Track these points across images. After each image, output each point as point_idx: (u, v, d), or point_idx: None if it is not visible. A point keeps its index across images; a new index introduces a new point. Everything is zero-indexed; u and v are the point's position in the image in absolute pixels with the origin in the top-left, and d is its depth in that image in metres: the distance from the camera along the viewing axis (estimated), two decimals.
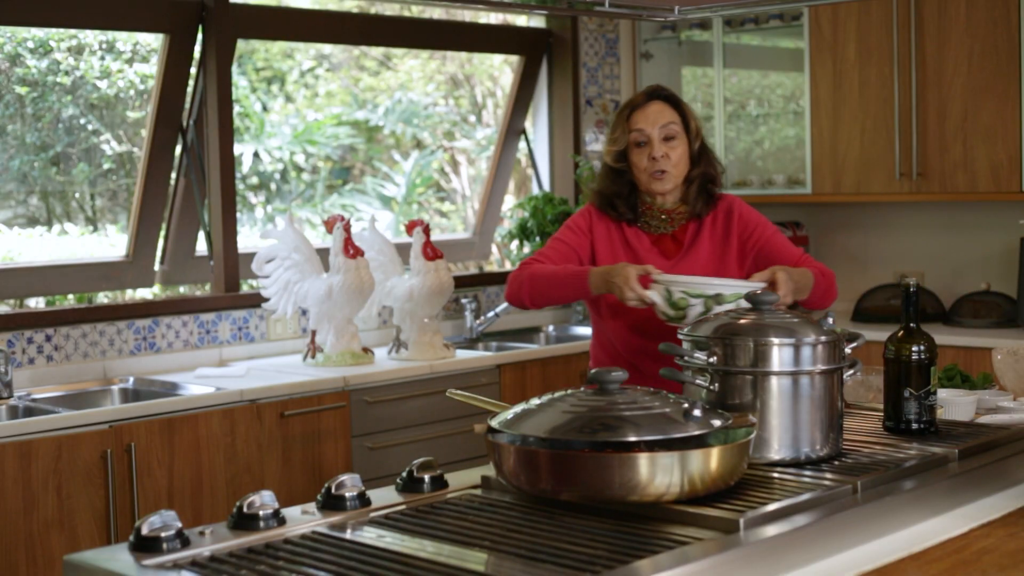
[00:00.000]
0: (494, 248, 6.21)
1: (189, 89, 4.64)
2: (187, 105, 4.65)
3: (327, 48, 7.62)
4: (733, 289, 2.75)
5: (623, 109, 3.13)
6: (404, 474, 2.23)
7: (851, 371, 2.36)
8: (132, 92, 4.97)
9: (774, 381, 2.26)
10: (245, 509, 1.98)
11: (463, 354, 4.63)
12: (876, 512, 2.03)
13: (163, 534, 1.86)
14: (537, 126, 5.89)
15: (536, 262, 3.10)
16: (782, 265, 2.94)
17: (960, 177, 4.97)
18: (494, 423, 2.11)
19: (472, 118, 7.83)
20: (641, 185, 3.11)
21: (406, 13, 5.36)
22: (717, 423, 2.05)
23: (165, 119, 4.58)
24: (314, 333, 4.43)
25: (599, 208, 3.18)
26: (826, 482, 2.12)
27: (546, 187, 5.86)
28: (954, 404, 2.81)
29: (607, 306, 3.13)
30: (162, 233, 4.71)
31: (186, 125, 4.65)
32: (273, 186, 7.65)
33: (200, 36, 4.58)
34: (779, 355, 2.26)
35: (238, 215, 4.69)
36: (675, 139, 3.08)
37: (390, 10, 5.41)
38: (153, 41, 4.89)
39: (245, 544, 1.90)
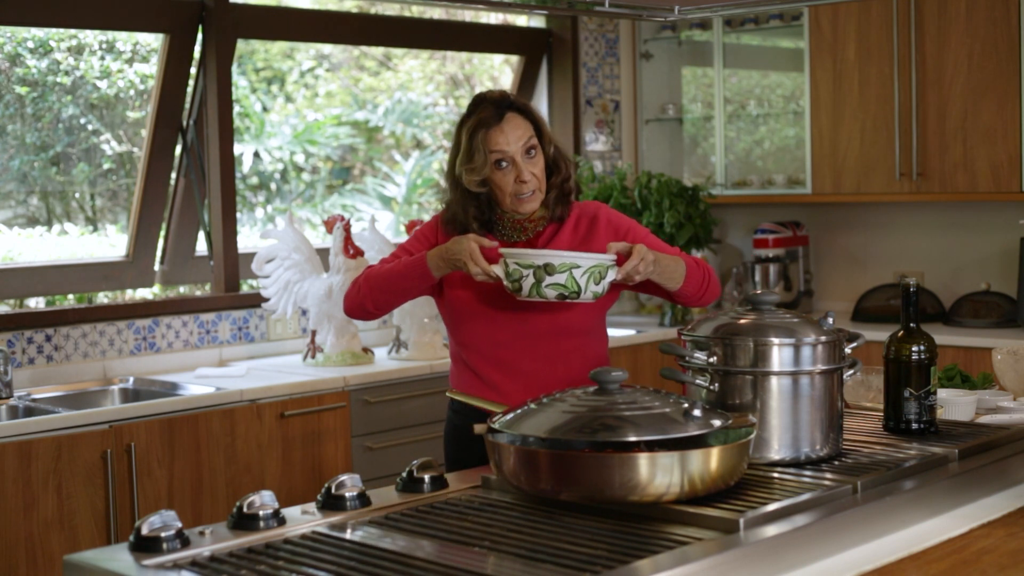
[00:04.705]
0: None
1: (189, 89, 4.64)
2: (187, 105, 4.65)
3: (327, 48, 7.61)
4: (565, 259, 2.60)
5: (476, 130, 2.81)
6: (404, 474, 2.23)
7: (851, 371, 2.36)
8: (132, 92, 4.97)
9: (774, 381, 2.26)
10: (245, 509, 1.98)
11: None
12: (876, 512, 2.03)
13: (163, 534, 1.86)
14: None
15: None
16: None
17: (960, 177, 4.97)
18: (494, 423, 2.11)
19: None
20: (504, 206, 2.84)
21: (406, 13, 5.36)
22: (717, 423, 2.05)
23: (165, 119, 4.58)
24: (314, 333, 4.43)
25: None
26: (826, 482, 2.12)
27: None
28: (954, 404, 2.80)
29: (458, 301, 2.89)
30: (162, 233, 4.71)
31: (186, 125, 4.65)
32: (273, 186, 7.64)
33: (200, 36, 4.58)
34: (779, 355, 2.26)
35: (238, 215, 4.69)
36: (535, 152, 2.83)
37: (390, 10, 5.41)
38: (153, 41, 4.89)
39: (245, 544, 1.90)
